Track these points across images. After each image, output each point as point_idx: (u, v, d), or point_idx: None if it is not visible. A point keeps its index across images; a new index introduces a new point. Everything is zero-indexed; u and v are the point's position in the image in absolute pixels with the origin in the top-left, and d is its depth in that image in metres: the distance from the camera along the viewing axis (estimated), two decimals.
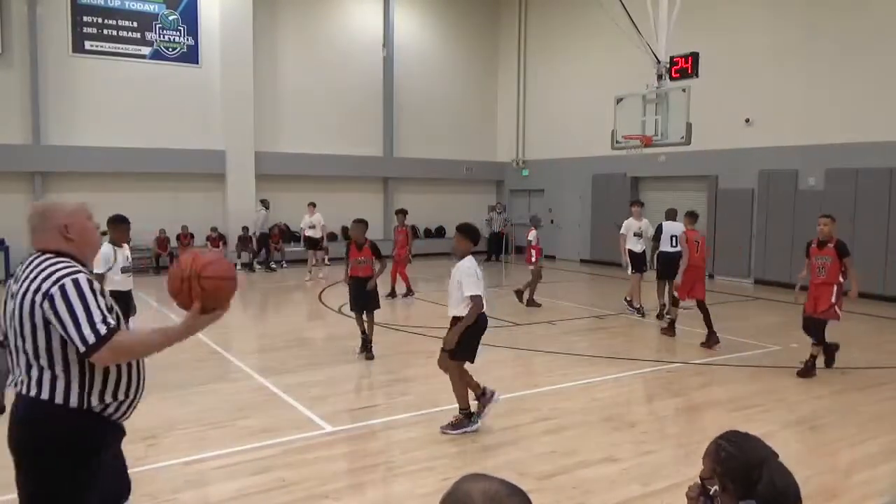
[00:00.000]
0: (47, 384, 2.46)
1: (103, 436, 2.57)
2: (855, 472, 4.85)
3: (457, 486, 1.26)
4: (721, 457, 2.01)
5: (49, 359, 2.46)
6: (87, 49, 16.16)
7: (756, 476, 1.90)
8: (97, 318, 2.41)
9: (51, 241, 2.61)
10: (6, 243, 15.08)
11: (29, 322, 2.45)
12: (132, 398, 2.64)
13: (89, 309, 2.41)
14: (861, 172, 13.01)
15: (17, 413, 2.52)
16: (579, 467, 4.87)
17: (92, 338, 2.38)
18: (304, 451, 5.13)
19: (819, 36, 13.77)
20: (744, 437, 2.06)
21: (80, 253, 2.66)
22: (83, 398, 2.48)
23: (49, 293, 2.42)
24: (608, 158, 16.64)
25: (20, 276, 2.55)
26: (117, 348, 2.42)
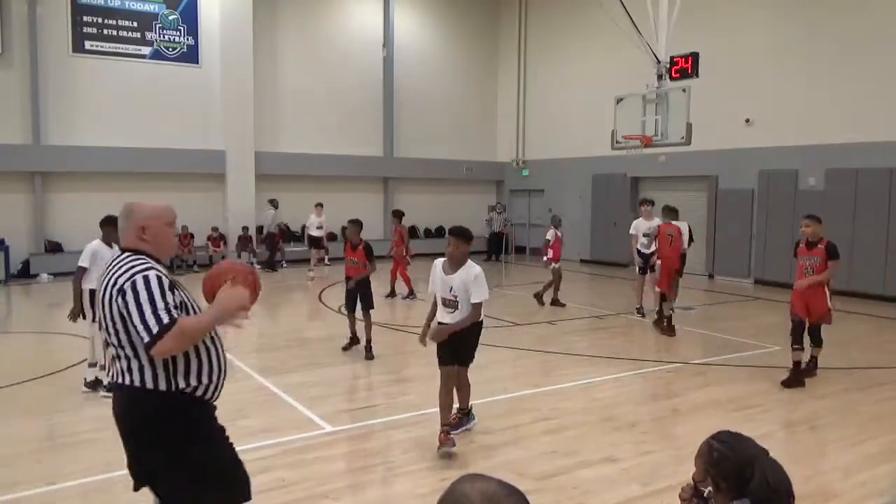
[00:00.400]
0: (137, 372, 2.66)
1: (200, 413, 2.78)
2: (855, 472, 4.85)
3: (454, 486, 1.26)
4: (713, 457, 2.02)
5: (132, 349, 2.64)
6: (88, 49, 16.16)
7: (748, 474, 1.91)
8: (161, 310, 2.56)
9: (130, 240, 2.81)
10: (6, 243, 15.08)
11: (110, 316, 2.66)
12: (216, 380, 2.81)
13: (155, 303, 2.57)
14: (861, 172, 13.01)
15: (118, 403, 2.73)
16: (579, 467, 4.87)
17: (155, 327, 2.54)
18: (304, 451, 5.13)
19: (819, 36, 13.77)
20: (735, 436, 2.07)
21: (156, 253, 2.83)
22: (172, 381, 2.66)
23: (122, 288, 2.62)
24: (608, 158, 16.65)
25: (104, 275, 2.77)
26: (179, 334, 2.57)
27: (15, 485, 4.50)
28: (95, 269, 6.37)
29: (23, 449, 5.21)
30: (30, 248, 15.80)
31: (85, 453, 5.12)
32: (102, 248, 6.52)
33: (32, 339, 9.71)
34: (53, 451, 5.29)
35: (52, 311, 12.26)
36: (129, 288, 2.59)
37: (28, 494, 4.38)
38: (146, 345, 2.55)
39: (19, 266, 15.51)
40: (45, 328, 10.44)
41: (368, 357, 8.00)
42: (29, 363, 7.86)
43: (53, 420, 6.00)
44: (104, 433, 5.56)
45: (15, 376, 7.13)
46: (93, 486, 4.56)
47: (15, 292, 14.08)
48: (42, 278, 15.26)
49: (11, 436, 5.48)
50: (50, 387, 6.91)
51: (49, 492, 4.46)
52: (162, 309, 2.56)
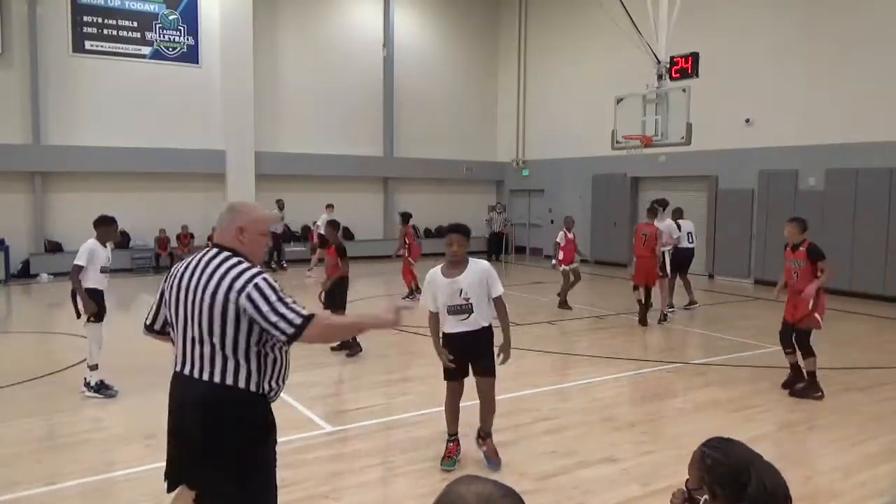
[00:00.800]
0: (231, 371, 2.73)
1: (270, 415, 2.88)
2: (855, 472, 4.84)
3: (449, 488, 1.26)
4: (707, 464, 1.99)
5: (234, 348, 2.72)
6: (88, 49, 16.16)
7: (745, 478, 1.89)
8: (295, 306, 2.72)
9: (228, 239, 2.87)
10: (6, 243, 15.08)
11: (220, 316, 2.70)
12: (285, 382, 2.96)
13: (284, 300, 2.72)
14: (861, 172, 13.01)
15: (199, 399, 2.75)
16: (579, 467, 4.87)
17: (298, 320, 2.68)
18: (304, 451, 5.13)
19: (819, 36, 13.77)
20: (727, 442, 2.05)
21: (249, 257, 2.88)
22: (260, 384, 2.78)
23: (246, 290, 2.69)
24: (608, 158, 16.64)
25: (195, 269, 2.80)
26: (325, 326, 2.77)
27: (15, 484, 4.50)
28: (92, 268, 6.40)
29: (23, 449, 5.21)
30: (30, 248, 15.80)
31: (85, 453, 5.12)
32: (98, 248, 6.50)
33: (32, 339, 9.71)
34: (53, 451, 5.29)
35: (52, 311, 12.27)
36: (254, 290, 2.68)
37: (28, 494, 4.38)
38: (290, 336, 2.68)
39: (19, 266, 15.51)
40: (45, 328, 10.44)
41: (349, 354, 8.10)
42: (29, 363, 7.86)
43: (53, 420, 5.99)
44: (104, 433, 5.56)
45: (15, 376, 7.13)
46: (92, 486, 4.56)
47: (15, 292, 14.08)
48: (42, 278, 15.26)
49: (11, 436, 5.48)
50: (50, 387, 6.91)
51: (49, 492, 4.46)
52: (293, 304, 2.71)
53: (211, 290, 2.71)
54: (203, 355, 2.75)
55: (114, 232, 6.77)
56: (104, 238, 6.62)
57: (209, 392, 2.74)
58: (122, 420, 5.83)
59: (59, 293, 13.83)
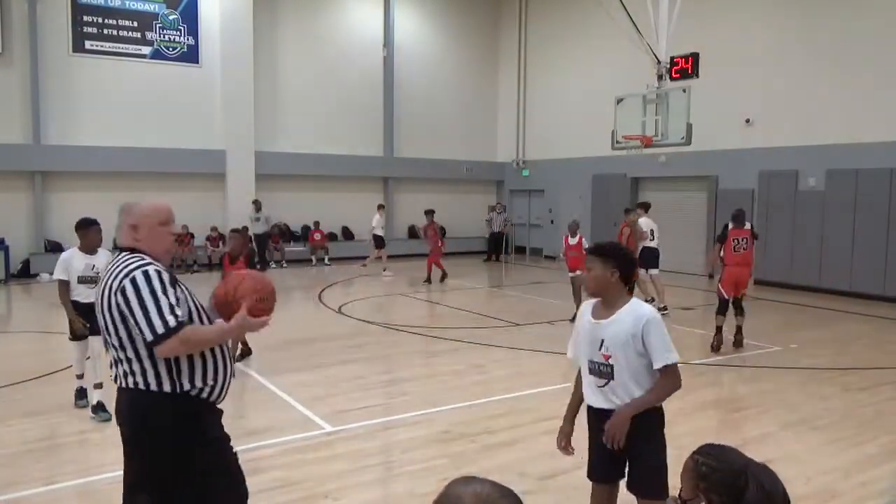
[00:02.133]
0: (140, 374, 2.59)
1: (204, 416, 2.70)
2: (855, 472, 4.84)
3: (448, 489, 1.26)
4: (702, 471, 1.95)
5: (134, 350, 2.59)
6: (88, 48, 16.16)
7: (742, 483, 1.86)
8: (166, 310, 2.51)
9: (124, 239, 2.78)
10: (6, 243, 15.08)
11: (110, 317, 2.60)
12: (222, 381, 2.76)
13: (159, 300, 2.51)
14: (861, 173, 13.01)
15: (120, 405, 2.68)
16: (579, 467, 4.85)
17: (161, 328, 2.49)
18: (304, 451, 5.12)
19: (820, 36, 13.77)
20: (719, 448, 2.02)
21: (151, 253, 2.75)
22: (174, 384, 2.60)
23: (121, 286, 2.56)
24: (608, 159, 16.64)
25: (104, 276, 2.72)
26: (185, 341, 2.53)
27: (14, 484, 4.50)
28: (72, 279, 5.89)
29: (21, 449, 5.21)
30: (30, 248, 15.80)
31: (84, 453, 5.12)
32: (74, 256, 5.90)
33: (32, 339, 9.71)
34: (52, 451, 5.28)
35: (52, 311, 12.26)
36: (128, 284, 2.55)
37: (27, 494, 4.38)
38: (148, 343, 2.51)
39: (19, 266, 15.51)
40: (45, 328, 10.44)
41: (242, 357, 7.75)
42: (28, 363, 7.86)
43: (52, 420, 5.99)
44: (103, 433, 5.55)
45: (14, 376, 7.13)
46: (91, 487, 4.56)
47: (15, 292, 14.08)
48: (42, 278, 15.25)
49: (10, 436, 5.48)
50: (49, 387, 6.91)
51: (48, 491, 4.46)
52: (167, 309, 2.52)
53: (106, 293, 2.61)
54: (118, 360, 2.65)
55: (93, 235, 5.96)
56: (85, 244, 5.94)
57: (128, 399, 2.63)
58: None
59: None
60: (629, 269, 3.16)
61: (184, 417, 2.62)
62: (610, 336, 3.09)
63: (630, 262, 3.20)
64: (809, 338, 9.47)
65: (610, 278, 3.10)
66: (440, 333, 9.47)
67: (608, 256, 3.13)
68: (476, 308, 11.79)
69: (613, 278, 3.10)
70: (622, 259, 3.15)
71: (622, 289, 3.12)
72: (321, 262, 18.13)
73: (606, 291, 3.14)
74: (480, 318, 10.79)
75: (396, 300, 12.80)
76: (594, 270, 3.14)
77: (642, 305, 3.13)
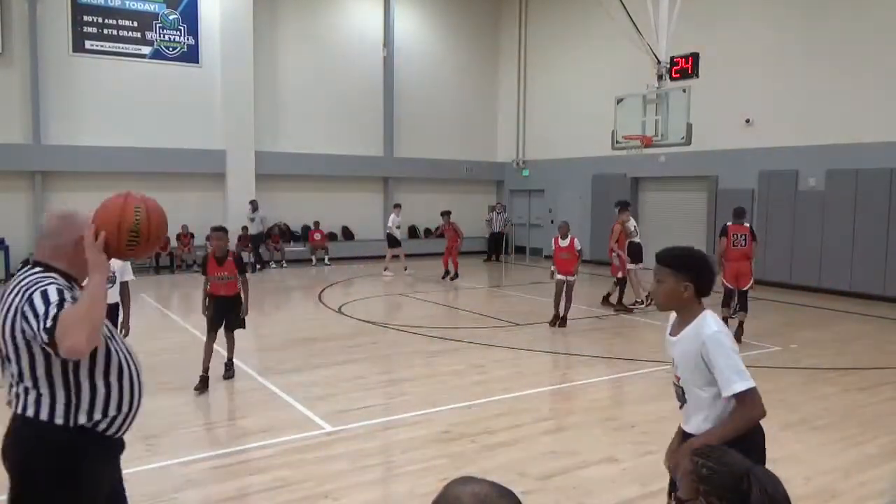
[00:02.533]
0: (33, 402, 2.38)
1: (95, 451, 2.46)
2: (856, 472, 4.84)
3: (446, 489, 1.27)
4: (703, 474, 1.87)
5: (33, 378, 2.37)
6: (88, 48, 16.16)
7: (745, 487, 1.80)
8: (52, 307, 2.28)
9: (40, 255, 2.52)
10: (6, 243, 15.08)
11: (11, 342, 2.36)
12: (126, 412, 2.51)
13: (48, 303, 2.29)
14: (861, 173, 13.01)
15: (9, 431, 2.45)
16: (579, 467, 4.86)
17: (49, 322, 2.24)
18: (304, 450, 5.13)
19: (820, 36, 13.77)
20: (720, 450, 1.96)
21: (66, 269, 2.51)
22: (69, 416, 2.38)
23: (21, 309, 2.32)
24: (608, 159, 16.65)
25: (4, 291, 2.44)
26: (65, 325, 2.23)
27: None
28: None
29: None
30: (29, 248, 15.76)
31: None
32: None
33: None
34: None
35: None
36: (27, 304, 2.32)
37: None
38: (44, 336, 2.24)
39: (19, 265, 15.48)
40: None
41: (228, 376, 7.03)
42: None
43: None
44: None
45: None
46: None
47: None
48: None
49: None
50: None
51: None
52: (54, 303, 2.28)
53: (3, 312, 2.38)
54: (14, 385, 2.42)
55: None
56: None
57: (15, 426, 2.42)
58: None
59: None
60: (705, 283, 2.77)
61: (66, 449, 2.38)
62: (678, 355, 2.81)
63: (707, 273, 2.79)
64: (809, 338, 9.48)
65: (682, 293, 2.73)
66: (440, 333, 9.47)
67: (681, 269, 2.75)
68: (476, 308, 11.79)
69: (686, 293, 2.73)
70: (697, 271, 2.75)
71: (696, 304, 2.76)
72: (321, 262, 18.13)
73: (678, 307, 2.81)
74: (480, 318, 10.79)
75: (397, 300, 12.79)
76: (665, 284, 2.77)
77: (705, 319, 2.73)
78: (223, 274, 6.91)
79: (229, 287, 6.96)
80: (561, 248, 10.16)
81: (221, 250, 6.92)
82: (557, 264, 10.18)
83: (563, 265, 10.09)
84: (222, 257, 6.93)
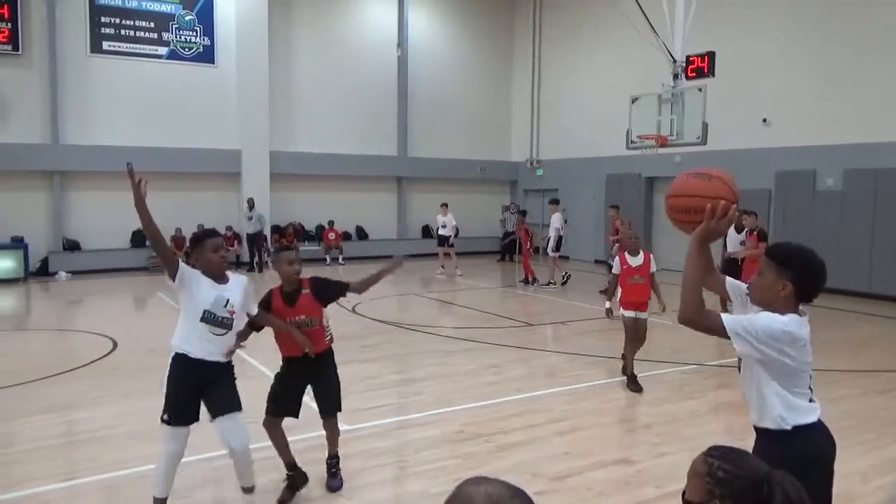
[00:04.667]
0: None
1: None
2: (874, 476, 4.79)
3: (459, 489, 1.27)
4: (720, 477, 1.76)
5: None
6: (105, 49, 16.32)
7: (766, 493, 1.71)
8: None
9: None
10: (25, 241, 15.27)
11: None
12: None
13: None
14: (880, 173, 12.85)
15: None
16: (593, 468, 4.84)
17: None
18: (317, 449, 5.14)
19: (837, 35, 13.61)
20: (735, 451, 1.84)
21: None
22: None
23: None
24: (623, 158, 16.56)
25: None
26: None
27: (32, 480, 4.56)
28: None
29: (40, 445, 5.27)
30: (48, 247, 15.99)
31: (101, 449, 5.17)
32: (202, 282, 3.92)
33: (51, 337, 9.83)
34: (70, 448, 5.34)
35: (71, 309, 12.41)
36: None
37: (45, 490, 4.44)
38: None
39: (38, 264, 15.70)
40: (63, 326, 10.57)
41: (334, 487, 4.46)
42: (47, 360, 7.96)
43: (70, 417, 6.06)
44: (120, 430, 5.61)
45: (33, 373, 7.21)
46: (108, 483, 4.60)
47: (34, 290, 14.25)
48: (60, 276, 15.44)
49: (29, 432, 5.55)
50: (67, 384, 6.99)
51: (65, 487, 4.51)
52: None
53: None
54: None
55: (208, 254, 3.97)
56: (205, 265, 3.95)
57: None
58: (138, 417, 5.87)
59: (78, 291, 14.01)
60: (808, 287, 2.50)
61: None
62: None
63: (813, 277, 2.52)
64: (826, 340, 9.37)
65: (779, 291, 2.49)
66: (454, 333, 9.47)
67: (786, 264, 2.50)
68: (490, 308, 11.78)
69: (784, 292, 2.49)
70: (802, 271, 2.50)
71: (791, 306, 2.50)
72: (335, 262, 18.19)
73: (770, 305, 2.53)
74: (494, 318, 10.78)
75: (410, 300, 12.81)
76: (763, 277, 2.55)
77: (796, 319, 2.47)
78: (300, 317, 4.31)
79: (314, 338, 4.31)
80: (632, 268, 7.01)
81: (293, 281, 4.38)
82: (626, 293, 7.00)
83: (634, 293, 6.95)
84: (294, 292, 4.36)
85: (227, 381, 3.97)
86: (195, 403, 3.87)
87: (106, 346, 8.44)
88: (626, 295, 6.99)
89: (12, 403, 6.30)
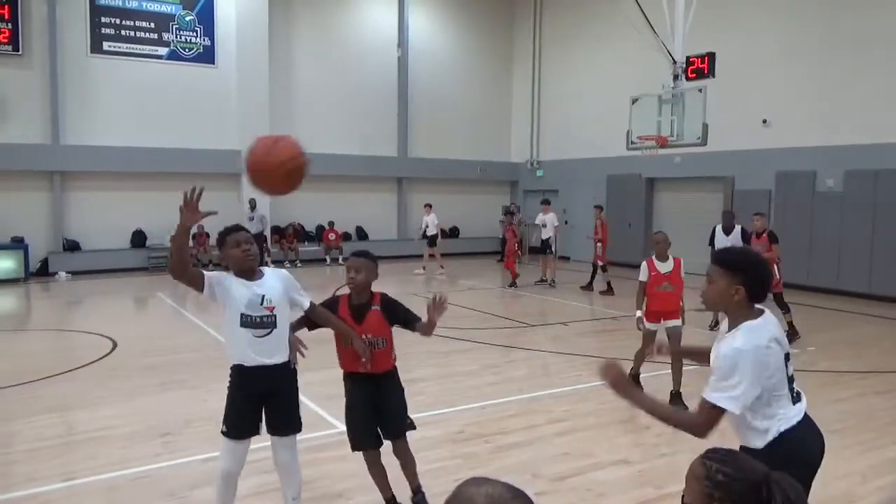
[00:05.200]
0: None
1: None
2: (873, 477, 4.79)
3: (460, 489, 1.27)
4: (718, 480, 1.75)
5: None
6: (105, 50, 16.33)
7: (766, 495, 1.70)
8: None
9: None
10: (25, 241, 15.27)
11: None
12: None
13: None
14: (881, 174, 12.85)
15: None
16: (593, 469, 4.84)
17: None
18: (319, 449, 5.14)
19: (837, 36, 13.62)
20: (732, 453, 1.85)
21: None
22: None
23: None
24: (623, 159, 16.56)
25: None
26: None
27: (33, 480, 4.56)
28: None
29: (41, 445, 5.27)
30: (48, 247, 15.99)
31: (101, 450, 5.17)
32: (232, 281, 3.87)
33: (51, 337, 9.83)
34: (71, 448, 5.34)
35: (71, 309, 12.41)
36: None
37: (45, 490, 4.44)
38: None
39: (38, 264, 15.70)
40: (64, 326, 10.57)
41: None
42: (47, 360, 7.95)
43: (71, 417, 6.06)
44: (120, 430, 5.61)
45: (34, 373, 7.22)
46: (109, 483, 4.60)
47: (34, 290, 14.25)
48: (60, 277, 15.44)
49: (30, 432, 5.55)
50: (68, 384, 6.99)
51: (66, 487, 4.51)
52: None
53: None
54: None
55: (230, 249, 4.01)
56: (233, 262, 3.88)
57: None
58: (138, 418, 5.88)
59: (78, 291, 14.00)
60: (759, 287, 2.54)
61: None
62: (712, 357, 2.67)
63: (763, 277, 2.58)
64: (827, 340, 9.38)
65: (733, 296, 2.53)
66: (454, 333, 9.47)
67: (736, 270, 2.55)
68: (490, 308, 11.78)
69: (738, 296, 2.52)
70: (752, 274, 2.54)
71: (746, 308, 2.54)
72: (335, 262, 18.19)
73: (727, 310, 2.62)
74: (494, 319, 10.78)
75: (410, 300, 12.76)
76: (715, 284, 2.59)
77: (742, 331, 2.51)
78: (367, 336, 4.00)
79: (379, 358, 4.03)
80: (661, 275, 6.40)
81: (363, 292, 4.03)
82: (652, 301, 6.39)
83: (662, 302, 6.34)
84: (363, 305, 4.03)
85: (290, 396, 3.83)
86: (255, 415, 3.70)
87: (106, 347, 8.44)
88: (652, 304, 6.35)
89: (12, 403, 6.30)
